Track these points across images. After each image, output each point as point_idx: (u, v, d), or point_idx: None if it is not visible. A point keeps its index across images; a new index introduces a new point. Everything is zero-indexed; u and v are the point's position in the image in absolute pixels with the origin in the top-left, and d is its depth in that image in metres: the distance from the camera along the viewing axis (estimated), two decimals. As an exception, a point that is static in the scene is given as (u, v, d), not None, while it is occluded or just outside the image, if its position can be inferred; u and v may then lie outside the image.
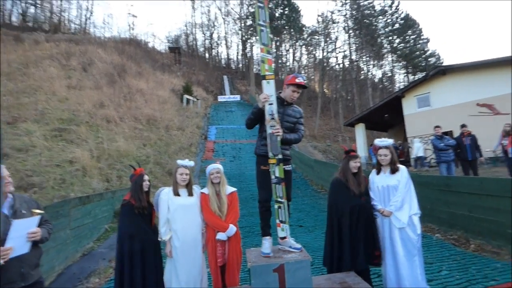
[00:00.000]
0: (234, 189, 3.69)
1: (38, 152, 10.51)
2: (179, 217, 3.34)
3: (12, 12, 37.74)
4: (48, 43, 26.08)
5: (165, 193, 3.45)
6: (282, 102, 3.48)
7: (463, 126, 8.37)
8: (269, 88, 3.36)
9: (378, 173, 3.60)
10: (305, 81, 3.49)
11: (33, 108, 14.02)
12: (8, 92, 15.30)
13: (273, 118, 3.29)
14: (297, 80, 3.39)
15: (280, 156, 3.28)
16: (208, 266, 3.51)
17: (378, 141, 3.64)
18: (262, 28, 3.48)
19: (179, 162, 3.56)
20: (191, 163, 3.61)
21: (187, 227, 3.35)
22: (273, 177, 3.28)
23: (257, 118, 3.43)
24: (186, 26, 62.58)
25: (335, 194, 3.69)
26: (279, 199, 3.26)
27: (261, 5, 3.44)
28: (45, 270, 4.74)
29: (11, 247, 2.28)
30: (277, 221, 3.27)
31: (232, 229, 3.43)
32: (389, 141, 3.60)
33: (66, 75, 20.47)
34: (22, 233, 2.40)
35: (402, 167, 3.50)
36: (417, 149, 15.75)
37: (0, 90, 14.11)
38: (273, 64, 3.45)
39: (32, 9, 39.80)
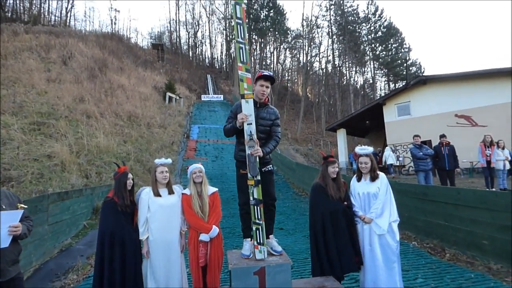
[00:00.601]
0: (215, 189, 3.69)
1: (16, 145, 10.19)
2: (158, 217, 3.34)
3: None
4: (28, 34, 25.27)
5: (146, 192, 3.44)
6: (255, 105, 3.40)
7: (442, 136, 8.56)
8: (248, 107, 3.29)
9: (358, 180, 3.69)
10: (272, 75, 3.45)
11: (11, 101, 13.56)
12: (-15, 83, 14.79)
13: (251, 139, 3.26)
14: (263, 73, 3.39)
15: (258, 178, 3.26)
16: (189, 267, 3.51)
17: (358, 149, 3.72)
18: (241, 45, 3.33)
19: (157, 161, 3.56)
20: (169, 161, 3.62)
21: (164, 227, 3.35)
22: (251, 198, 3.30)
23: (234, 131, 3.41)
24: (170, 23, 61.92)
25: (315, 199, 3.75)
26: (257, 221, 3.27)
27: (240, 21, 3.31)
28: (22, 265, 4.62)
29: None
30: (255, 243, 3.29)
31: (215, 230, 3.44)
32: (369, 149, 3.69)
33: (46, 68, 19.90)
34: (4, 225, 2.37)
35: (381, 174, 3.61)
36: (387, 157, 16.31)
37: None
38: (252, 83, 3.35)
39: (11, -1, 38.41)
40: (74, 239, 7.00)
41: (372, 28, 47.48)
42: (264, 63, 52.23)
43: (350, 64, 47.58)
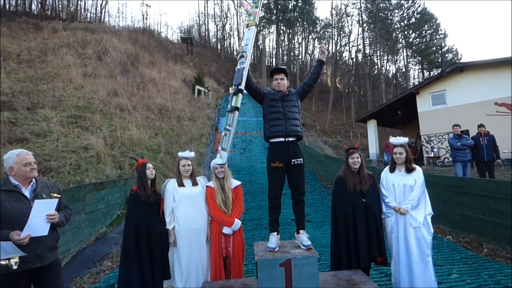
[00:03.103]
0: (238, 182, 3.76)
1: (55, 138, 10.75)
2: (183, 205, 3.45)
3: (32, 1, 38.14)
4: (66, 31, 26.39)
5: (171, 184, 3.56)
6: (280, 99, 3.54)
7: (480, 125, 8.12)
8: (249, 33, 3.81)
9: (392, 171, 3.58)
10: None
11: (51, 95, 14.30)
12: (28, 79, 15.64)
13: (242, 56, 3.57)
14: (274, 67, 3.62)
15: (241, 87, 3.44)
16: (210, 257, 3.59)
17: (393, 140, 3.62)
18: None
19: (180, 154, 3.68)
20: (192, 154, 3.72)
21: (190, 215, 3.45)
22: (229, 105, 3.45)
23: (256, 89, 3.61)
24: (198, 16, 62.52)
25: (334, 192, 3.73)
26: (227, 127, 3.39)
27: None
28: (61, 251, 4.93)
29: (28, 234, 2.38)
30: (219, 148, 3.40)
31: (238, 223, 3.52)
32: (404, 140, 3.58)
33: (82, 63, 20.74)
34: (42, 214, 2.50)
35: (417, 167, 3.50)
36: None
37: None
38: (258, 16, 3.91)
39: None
40: (109, 227, 7.33)
41: (405, 14, 45.39)
42: (292, 54, 51.63)
43: (381, 53, 46.03)
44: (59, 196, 2.79)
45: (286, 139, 3.43)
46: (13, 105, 12.17)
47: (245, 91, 3.54)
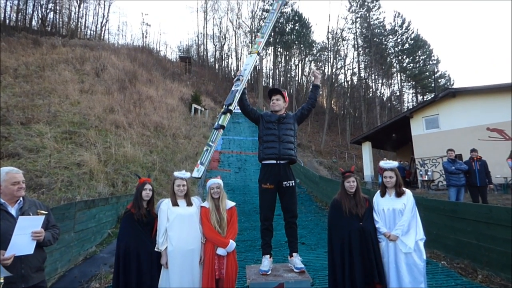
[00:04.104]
0: (233, 203, 3.72)
1: (48, 153, 10.64)
2: (177, 226, 3.38)
3: (33, 17, 38.65)
4: (65, 47, 26.64)
5: (165, 203, 3.50)
6: (274, 120, 3.67)
7: (473, 150, 8.22)
8: (249, 59, 3.89)
9: (382, 195, 3.56)
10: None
11: (46, 110, 14.25)
12: (24, 94, 15.61)
13: (238, 79, 3.65)
14: (270, 89, 3.82)
15: (231, 107, 3.55)
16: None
17: (383, 163, 3.62)
18: (267, 23, 4.26)
19: (176, 174, 3.64)
20: (188, 174, 3.66)
21: (183, 236, 3.37)
22: (216, 123, 3.56)
23: (251, 110, 3.79)
24: (197, 36, 63.42)
25: (330, 215, 3.70)
26: (210, 143, 3.53)
27: (274, 11, 4.40)
28: (48, 272, 4.78)
29: (13, 254, 2.31)
30: (198, 162, 3.46)
31: (232, 245, 3.46)
32: (394, 164, 3.59)
33: (80, 79, 20.81)
34: (27, 231, 2.43)
35: (407, 191, 3.48)
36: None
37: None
38: (262, 45, 4.11)
39: (51, 14, 40.74)
40: (99, 247, 7.16)
41: (399, 40, 46.69)
42: (288, 75, 52.40)
43: (376, 76, 46.90)
44: (46, 213, 2.72)
45: (278, 162, 3.46)
46: (7, 119, 12.09)
47: (237, 110, 3.61)
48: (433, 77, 41.10)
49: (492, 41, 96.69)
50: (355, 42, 46.15)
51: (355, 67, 46.62)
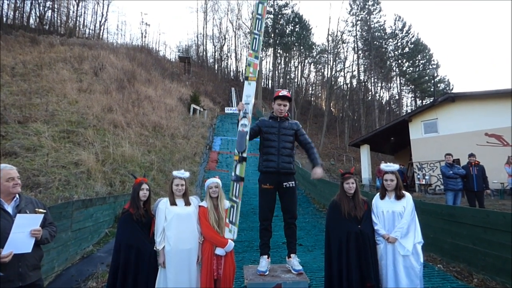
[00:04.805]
0: None
1: (46, 152, 10.60)
2: (174, 225, 3.37)
3: (31, 15, 38.54)
4: (63, 46, 26.57)
5: (163, 202, 3.49)
6: (276, 119, 3.68)
7: (471, 155, 8.25)
8: (249, 88, 3.64)
9: (382, 198, 3.56)
10: (289, 93, 3.69)
11: (44, 109, 14.20)
12: (21, 92, 15.56)
13: (245, 117, 3.49)
14: (280, 93, 3.63)
15: (244, 155, 3.42)
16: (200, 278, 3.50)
17: (384, 166, 3.63)
18: (256, 36, 3.79)
19: (175, 173, 3.62)
20: (186, 174, 3.65)
21: (181, 235, 3.36)
22: (233, 174, 3.38)
23: (252, 134, 3.62)
24: (197, 37, 63.56)
25: (329, 217, 3.70)
26: (234, 198, 3.33)
27: (259, 17, 3.80)
28: (45, 270, 4.75)
29: (11, 251, 2.30)
30: (226, 221, 3.31)
31: (231, 244, 3.45)
32: (395, 167, 3.59)
33: (78, 78, 20.76)
34: (25, 229, 2.42)
35: (407, 194, 3.49)
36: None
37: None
38: (257, 68, 3.76)
39: (49, 13, 40.66)
40: (96, 246, 7.14)
41: (399, 44, 46.82)
42: (288, 77, 52.45)
43: (375, 80, 47.00)
44: (45, 211, 2.71)
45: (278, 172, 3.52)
46: (4, 118, 12.05)
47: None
48: (432, 81, 41.26)
49: (492, 44, 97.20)
50: (355, 45, 46.30)
51: (354, 70, 46.78)
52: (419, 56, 46.86)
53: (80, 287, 5.01)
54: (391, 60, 46.94)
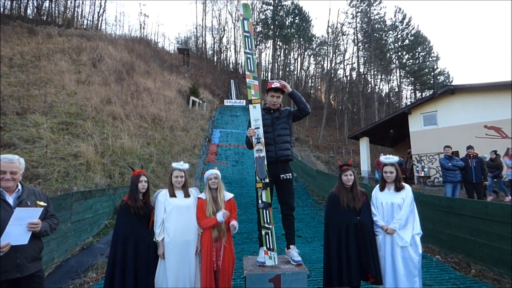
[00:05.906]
0: (231, 195, 3.71)
1: (45, 144, 10.58)
2: (174, 217, 3.37)
3: (28, 5, 38.08)
4: (61, 37, 26.33)
5: (163, 194, 3.50)
6: (269, 111, 3.68)
7: (469, 147, 8.30)
8: (255, 112, 3.55)
9: (382, 189, 3.57)
10: (282, 85, 3.60)
11: (42, 101, 14.14)
12: (19, 83, 15.46)
13: (259, 142, 3.45)
14: (273, 85, 3.58)
15: (267, 180, 3.38)
16: (200, 270, 3.52)
17: (383, 158, 3.62)
18: (249, 55, 3.63)
19: (174, 165, 3.61)
20: (186, 166, 3.64)
21: (180, 227, 3.37)
22: (260, 202, 3.32)
23: (249, 141, 3.66)
24: (196, 28, 63.02)
25: (328, 209, 3.71)
26: (266, 225, 3.30)
27: (247, 34, 3.63)
28: (45, 261, 4.77)
29: (8, 242, 2.30)
30: (265, 248, 3.29)
31: (226, 213, 3.40)
32: (395, 159, 3.59)
33: (76, 69, 20.62)
34: (23, 222, 2.40)
35: (407, 186, 3.49)
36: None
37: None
38: (259, 90, 3.65)
39: (47, 3, 40.21)
40: (95, 237, 7.17)
41: (399, 36, 46.55)
42: (287, 69, 52.20)
43: (375, 72, 46.83)
44: (45, 204, 2.68)
45: (276, 162, 3.53)
46: (2, 109, 11.99)
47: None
48: (432, 73, 41.08)
49: (492, 36, 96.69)
50: (355, 37, 46.02)
51: (354, 62, 46.51)
52: (419, 48, 46.59)
53: (80, 278, 5.04)
54: (391, 52, 46.70)
